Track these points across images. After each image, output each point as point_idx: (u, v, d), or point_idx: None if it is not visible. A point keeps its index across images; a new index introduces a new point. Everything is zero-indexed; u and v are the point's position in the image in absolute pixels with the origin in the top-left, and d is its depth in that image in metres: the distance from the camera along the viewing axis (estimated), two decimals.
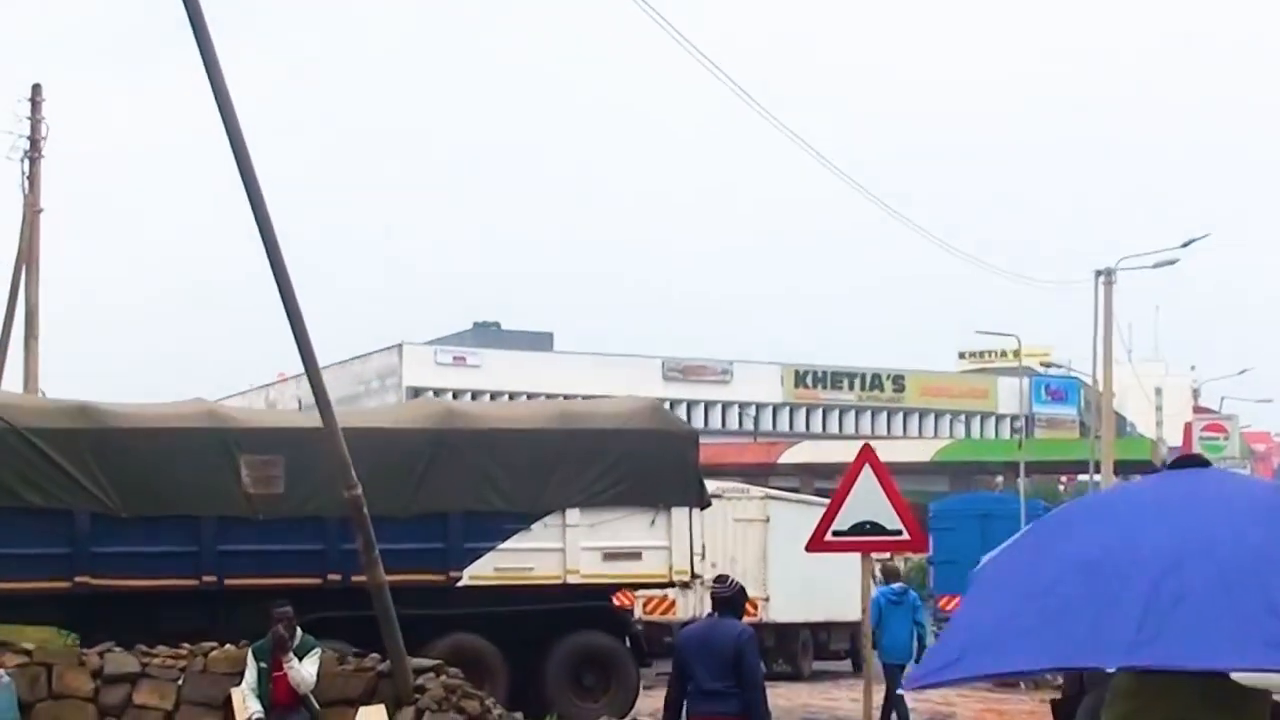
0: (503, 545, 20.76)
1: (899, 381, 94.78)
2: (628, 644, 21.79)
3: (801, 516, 35.38)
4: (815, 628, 34.41)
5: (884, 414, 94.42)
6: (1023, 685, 29.70)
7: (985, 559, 6.14)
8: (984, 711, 25.88)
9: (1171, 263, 44.03)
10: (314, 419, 21.96)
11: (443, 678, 14.92)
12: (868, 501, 14.66)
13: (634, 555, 21.36)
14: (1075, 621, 4.85)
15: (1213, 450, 52.38)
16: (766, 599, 31.81)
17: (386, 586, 15.48)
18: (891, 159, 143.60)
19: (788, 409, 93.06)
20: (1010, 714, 25.84)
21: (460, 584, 20.61)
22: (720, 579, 11.41)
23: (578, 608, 21.25)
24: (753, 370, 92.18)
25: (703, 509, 21.86)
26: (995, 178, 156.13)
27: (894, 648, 21.16)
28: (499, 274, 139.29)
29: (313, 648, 14.28)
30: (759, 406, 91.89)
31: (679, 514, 21.47)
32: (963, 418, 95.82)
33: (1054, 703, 11.95)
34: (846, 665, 36.24)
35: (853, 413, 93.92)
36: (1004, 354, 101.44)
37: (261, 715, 13.95)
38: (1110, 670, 5.55)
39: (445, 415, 21.37)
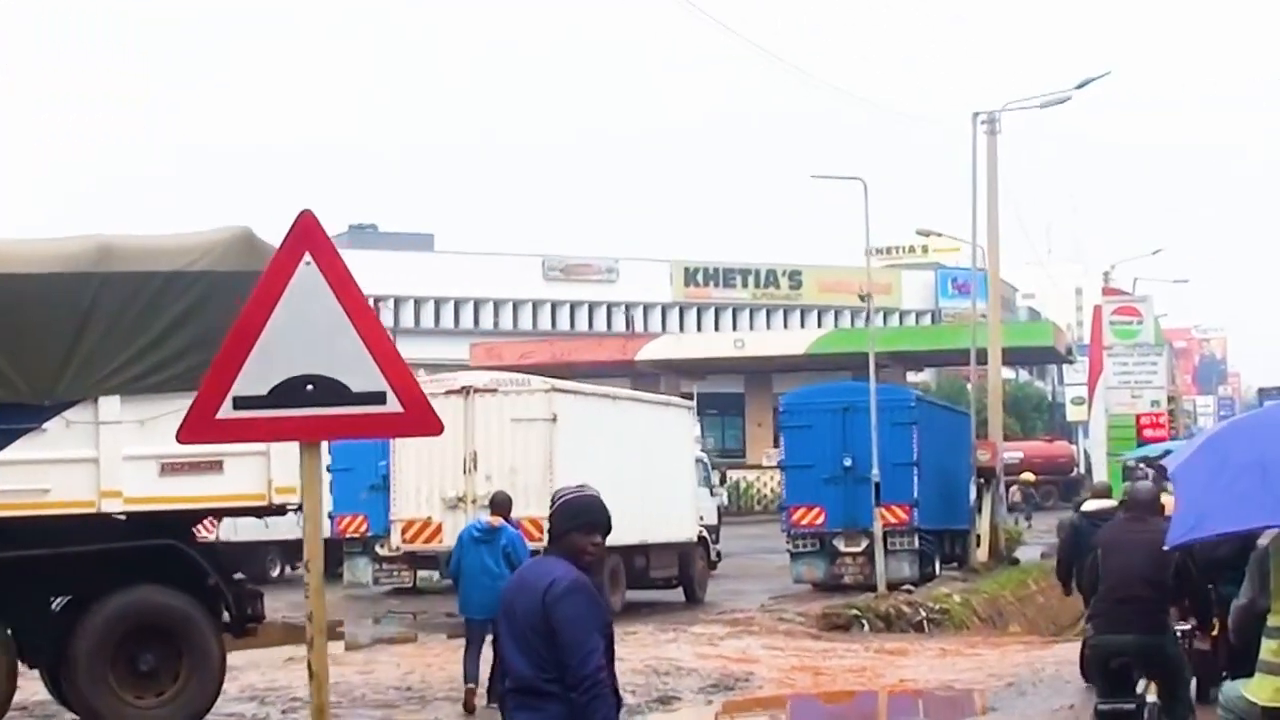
0: None
1: (795, 277, 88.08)
2: (208, 605, 14.41)
3: (603, 413, 28.39)
4: (628, 552, 27.11)
5: (780, 312, 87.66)
6: (866, 627, 22.84)
7: (1171, 465, 8.94)
8: (795, 670, 18.51)
9: (1063, 101, 38.47)
10: None
11: None
12: (308, 333, 7.20)
13: (210, 466, 14.01)
14: (1260, 501, 7.95)
15: (1125, 335, 45.14)
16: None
17: None
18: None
19: (677, 309, 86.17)
20: (829, 671, 18.51)
21: None
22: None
23: (124, 550, 13.99)
24: (640, 268, 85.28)
25: None
26: None
27: (478, 599, 15.12)
28: (379, 177, 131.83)
29: None
30: (646, 307, 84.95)
31: None
32: (864, 315, 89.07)
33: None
34: (676, 595, 29.59)
35: (747, 311, 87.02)
36: (912, 249, 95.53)
37: None
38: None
39: None
